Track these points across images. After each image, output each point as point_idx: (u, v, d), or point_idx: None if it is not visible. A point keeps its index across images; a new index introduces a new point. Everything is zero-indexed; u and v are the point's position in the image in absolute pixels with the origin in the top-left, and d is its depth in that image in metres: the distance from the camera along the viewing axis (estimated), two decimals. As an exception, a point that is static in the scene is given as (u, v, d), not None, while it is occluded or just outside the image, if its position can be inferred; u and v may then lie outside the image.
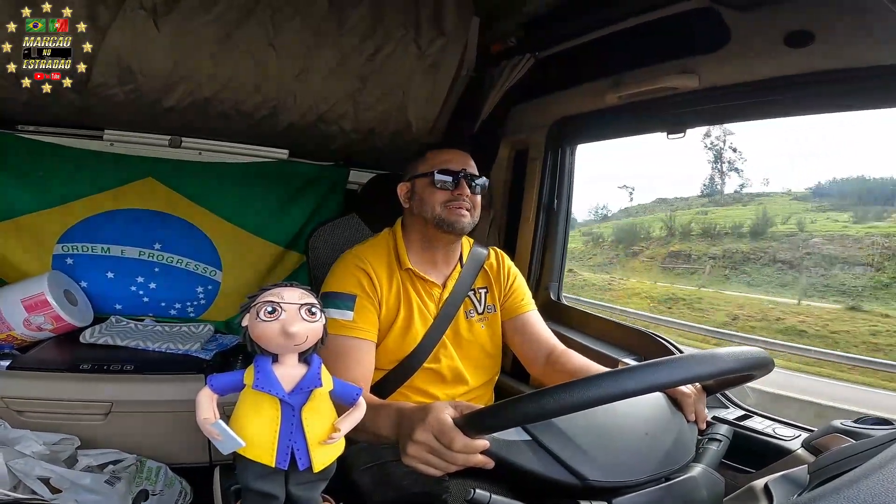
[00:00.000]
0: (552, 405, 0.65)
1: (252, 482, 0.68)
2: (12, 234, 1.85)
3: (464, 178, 1.25)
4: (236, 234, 2.07)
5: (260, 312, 0.63)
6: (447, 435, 0.72)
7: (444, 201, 1.24)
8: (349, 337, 1.17)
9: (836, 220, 11.98)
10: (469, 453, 0.71)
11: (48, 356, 1.72)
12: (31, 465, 1.34)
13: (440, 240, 1.28)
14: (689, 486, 0.77)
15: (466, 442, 0.71)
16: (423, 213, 1.26)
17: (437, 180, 1.24)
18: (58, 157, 1.83)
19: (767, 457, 1.09)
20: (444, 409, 0.76)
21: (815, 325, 9.51)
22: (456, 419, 0.73)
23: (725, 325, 10.43)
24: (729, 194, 16.15)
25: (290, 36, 1.60)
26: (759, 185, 16.18)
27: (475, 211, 1.28)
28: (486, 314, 1.37)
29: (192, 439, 1.67)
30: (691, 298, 12.10)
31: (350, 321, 1.18)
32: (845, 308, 9.73)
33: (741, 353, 0.74)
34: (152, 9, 1.46)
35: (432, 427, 0.74)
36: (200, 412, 0.64)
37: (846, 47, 1.07)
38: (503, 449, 0.72)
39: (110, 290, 2.00)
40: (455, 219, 1.23)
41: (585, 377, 0.67)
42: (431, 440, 0.74)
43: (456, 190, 1.24)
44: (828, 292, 10.42)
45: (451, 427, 0.72)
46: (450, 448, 0.72)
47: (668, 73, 1.38)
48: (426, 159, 1.29)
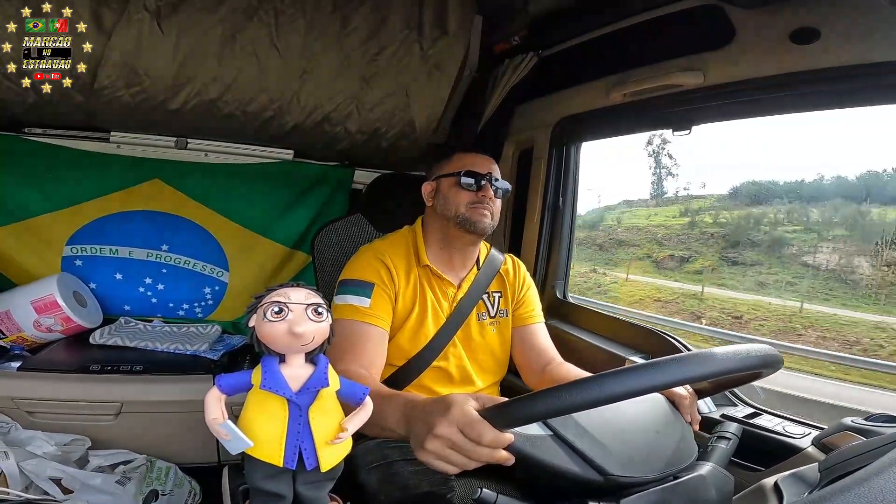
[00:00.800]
0: (583, 397, 0.63)
1: (260, 482, 0.68)
2: (22, 237, 1.86)
3: (488, 181, 1.28)
4: (242, 234, 2.08)
5: (266, 313, 0.63)
6: (475, 429, 0.66)
7: (468, 202, 1.27)
8: (364, 323, 1.18)
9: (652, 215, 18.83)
10: (495, 448, 0.67)
11: (58, 357, 1.73)
12: (42, 466, 1.35)
13: (460, 239, 1.31)
14: (698, 484, 0.77)
15: (496, 435, 0.66)
16: (446, 212, 1.29)
17: (463, 182, 1.28)
18: (65, 160, 1.85)
19: (777, 455, 1.09)
20: (467, 401, 0.70)
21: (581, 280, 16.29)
22: (482, 412, 0.69)
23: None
24: (669, 197, 20.85)
25: (294, 37, 1.60)
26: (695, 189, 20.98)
27: (496, 215, 1.31)
28: (497, 318, 1.38)
29: (200, 439, 1.68)
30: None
31: (367, 308, 1.19)
32: (608, 270, 17.01)
33: (756, 350, 0.73)
34: (156, 11, 1.47)
35: (457, 420, 0.68)
36: (209, 412, 0.64)
37: (852, 44, 1.07)
38: (527, 444, 0.69)
39: (119, 292, 2.01)
40: (478, 219, 1.26)
41: (618, 368, 0.65)
42: (455, 434, 0.68)
43: (480, 192, 1.27)
44: (609, 263, 17.44)
45: (478, 420, 0.67)
46: (478, 442, 0.67)
47: (673, 71, 1.38)
48: (452, 161, 1.33)
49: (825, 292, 12.53)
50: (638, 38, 1.49)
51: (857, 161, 32.97)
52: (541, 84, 1.83)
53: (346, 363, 1.09)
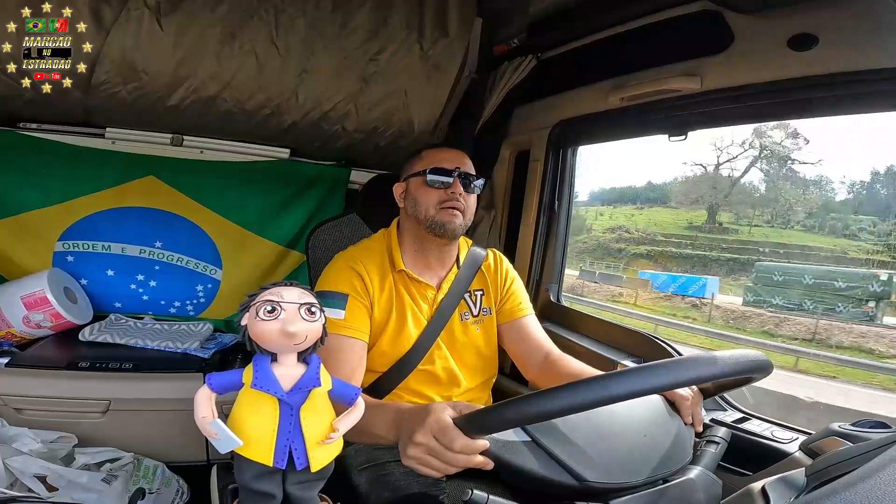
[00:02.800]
0: (553, 405, 0.64)
1: (250, 481, 0.67)
2: (14, 231, 1.85)
3: (458, 176, 1.22)
4: (237, 232, 2.07)
5: (259, 311, 0.63)
6: (447, 435, 0.71)
7: (438, 202, 1.21)
8: (340, 336, 1.15)
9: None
10: (469, 454, 0.70)
11: (47, 354, 1.72)
12: (27, 463, 1.33)
13: (432, 242, 1.26)
14: (687, 489, 0.77)
15: (466, 442, 0.70)
16: (416, 214, 1.23)
17: (430, 179, 1.21)
18: (60, 155, 1.84)
19: (765, 459, 1.09)
20: (443, 410, 0.75)
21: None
22: (456, 419, 0.72)
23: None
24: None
25: (294, 36, 1.60)
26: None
27: (469, 212, 1.25)
28: (481, 317, 1.34)
29: (189, 438, 1.67)
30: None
31: (341, 320, 1.16)
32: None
33: (741, 356, 0.74)
34: (156, 8, 1.47)
35: (432, 428, 0.73)
36: (199, 411, 0.64)
37: (850, 50, 1.07)
38: (503, 449, 0.71)
39: (110, 288, 2.00)
40: (446, 220, 1.20)
41: (588, 377, 0.66)
42: (431, 441, 0.72)
43: (450, 189, 1.21)
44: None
45: (450, 427, 0.71)
46: (450, 449, 0.70)
47: (670, 76, 1.38)
48: (421, 158, 1.27)
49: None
50: (637, 43, 1.50)
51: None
52: (539, 87, 1.83)
53: None
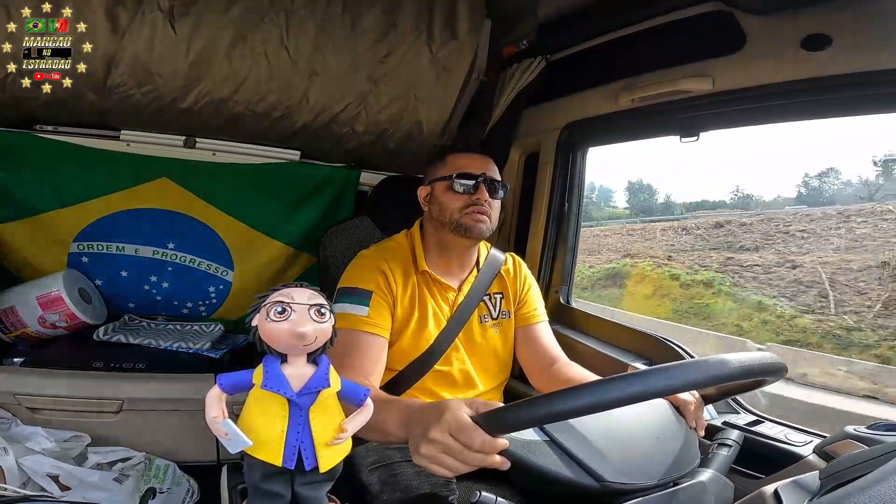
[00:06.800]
0: (577, 403, 0.63)
1: (259, 481, 0.68)
2: (29, 232, 1.87)
3: (483, 182, 1.24)
4: (248, 234, 2.08)
5: (270, 312, 0.63)
6: (466, 433, 0.68)
7: (463, 206, 1.23)
8: (363, 332, 1.16)
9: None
10: (487, 453, 0.68)
11: (61, 354, 1.74)
12: (40, 463, 1.35)
13: (457, 244, 1.28)
14: (698, 491, 0.77)
15: (486, 440, 0.67)
16: (441, 218, 1.25)
17: (455, 184, 1.24)
18: (75, 157, 1.85)
19: (778, 462, 1.07)
20: (460, 407, 0.72)
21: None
22: (475, 417, 0.70)
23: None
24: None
25: (304, 38, 1.61)
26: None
27: (494, 216, 1.27)
28: (500, 320, 1.36)
29: (200, 438, 1.68)
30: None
31: (365, 316, 1.17)
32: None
33: (754, 358, 0.73)
34: (169, 11, 1.49)
35: (449, 425, 0.70)
36: (209, 411, 0.64)
37: (864, 51, 1.06)
38: (523, 449, 0.70)
39: (124, 289, 2.02)
40: (472, 224, 1.22)
41: (612, 376, 0.65)
42: (447, 439, 0.70)
43: (475, 194, 1.23)
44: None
45: (470, 425, 0.69)
46: (469, 447, 0.68)
47: (681, 77, 1.36)
48: (446, 163, 1.29)
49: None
50: (647, 44, 1.48)
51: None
52: (548, 88, 1.82)
53: (344, 372, 1.07)
